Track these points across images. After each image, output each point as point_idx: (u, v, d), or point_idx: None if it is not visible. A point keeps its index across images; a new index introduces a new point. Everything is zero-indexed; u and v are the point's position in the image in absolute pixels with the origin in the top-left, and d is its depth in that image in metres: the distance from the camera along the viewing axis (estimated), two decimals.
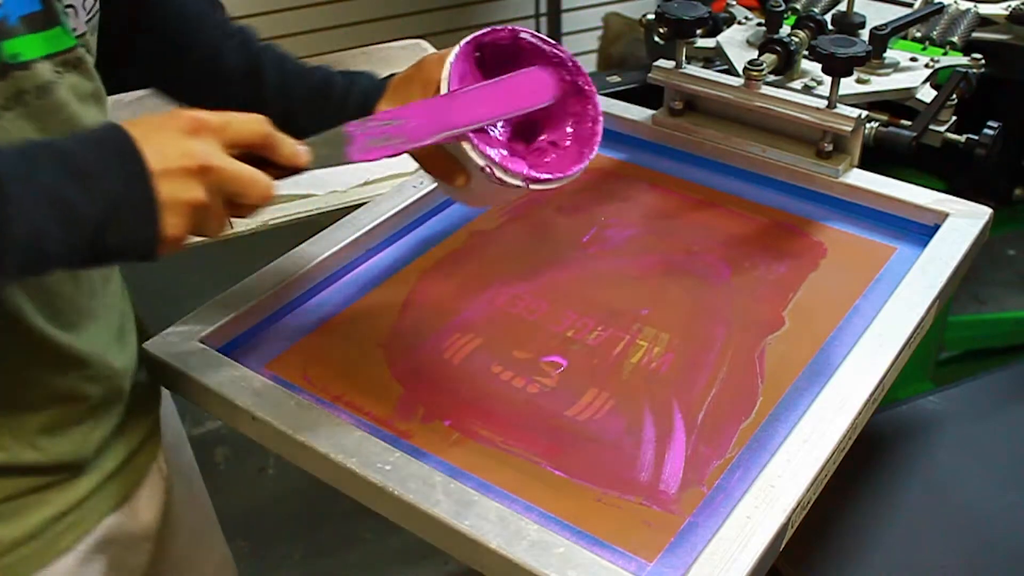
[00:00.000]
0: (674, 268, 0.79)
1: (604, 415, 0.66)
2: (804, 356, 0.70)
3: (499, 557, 0.54)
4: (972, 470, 0.90)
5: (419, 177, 0.87)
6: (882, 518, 0.85)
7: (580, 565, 0.53)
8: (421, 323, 0.74)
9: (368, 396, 0.68)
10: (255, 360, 0.71)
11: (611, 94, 1.00)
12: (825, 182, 0.85)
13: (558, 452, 0.63)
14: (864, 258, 0.80)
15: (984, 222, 0.79)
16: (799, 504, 0.57)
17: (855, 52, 0.80)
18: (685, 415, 0.66)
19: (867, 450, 0.90)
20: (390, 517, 0.60)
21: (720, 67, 1.00)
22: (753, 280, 0.78)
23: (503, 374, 0.69)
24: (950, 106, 0.90)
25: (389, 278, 0.79)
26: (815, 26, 0.94)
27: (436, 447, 0.64)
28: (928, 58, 0.97)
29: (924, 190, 0.83)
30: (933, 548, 0.83)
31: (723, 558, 0.53)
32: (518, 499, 0.60)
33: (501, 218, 0.86)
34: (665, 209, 0.87)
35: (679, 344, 0.72)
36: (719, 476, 0.61)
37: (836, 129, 0.84)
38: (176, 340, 0.69)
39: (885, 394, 0.67)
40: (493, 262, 0.81)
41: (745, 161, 0.89)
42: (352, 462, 0.60)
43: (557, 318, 0.74)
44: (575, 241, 0.83)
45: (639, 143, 0.94)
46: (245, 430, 0.66)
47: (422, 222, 0.85)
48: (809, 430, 0.61)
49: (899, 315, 0.70)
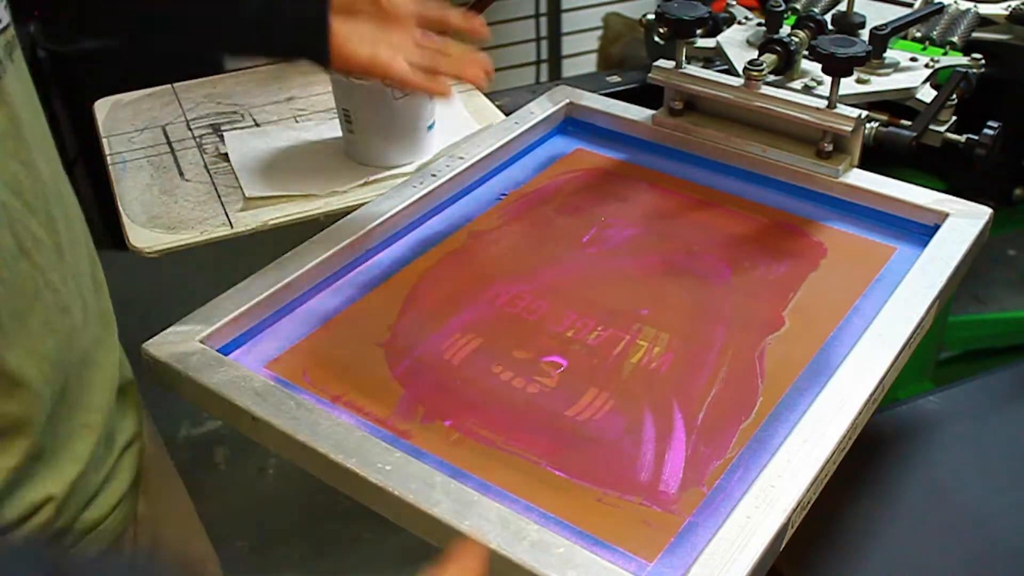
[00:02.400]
0: (674, 268, 0.79)
1: (604, 415, 0.66)
2: (804, 356, 0.70)
3: (499, 557, 0.54)
4: (972, 470, 0.90)
5: (419, 177, 0.87)
6: (882, 518, 0.85)
7: (580, 565, 0.53)
8: (421, 323, 0.74)
9: (368, 396, 0.68)
10: (255, 360, 0.71)
11: (611, 94, 1.00)
12: (825, 182, 0.85)
13: (558, 452, 0.63)
14: (864, 258, 0.80)
15: (984, 222, 0.79)
16: (799, 504, 0.57)
17: (855, 52, 0.80)
18: (685, 415, 0.66)
19: (867, 450, 0.90)
20: (390, 517, 0.60)
21: (720, 67, 1.00)
22: (753, 280, 0.78)
23: (503, 374, 0.69)
24: (950, 106, 0.90)
25: (389, 278, 0.79)
26: (815, 26, 0.94)
27: (436, 447, 0.64)
28: (928, 58, 0.97)
29: (924, 190, 0.83)
30: (933, 548, 0.83)
31: (723, 558, 0.53)
32: (518, 499, 0.60)
33: (501, 218, 0.86)
34: (665, 209, 0.87)
35: (679, 344, 0.72)
36: (719, 476, 0.61)
37: (836, 129, 0.84)
38: (176, 340, 0.69)
39: (885, 394, 0.67)
40: (493, 262, 0.81)
41: (745, 161, 0.89)
42: (352, 462, 0.60)
43: (557, 318, 0.74)
44: (575, 241, 0.83)
45: (639, 143, 0.94)
46: (245, 430, 0.65)
47: (422, 222, 0.85)
48: (809, 430, 0.61)
49: (899, 315, 0.70)
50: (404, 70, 0.74)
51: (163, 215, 0.86)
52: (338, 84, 0.91)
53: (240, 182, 0.91)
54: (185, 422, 1.71)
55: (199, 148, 0.98)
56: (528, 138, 0.94)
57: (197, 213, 0.87)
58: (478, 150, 0.90)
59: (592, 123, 0.97)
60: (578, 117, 0.98)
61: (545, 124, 0.96)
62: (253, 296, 0.73)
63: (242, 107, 1.05)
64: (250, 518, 1.56)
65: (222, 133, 1.00)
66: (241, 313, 0.72)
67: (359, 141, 0.93)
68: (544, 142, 0.96)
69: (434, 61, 0.76)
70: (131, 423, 0.69)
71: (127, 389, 0.69)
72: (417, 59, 0.76)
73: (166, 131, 1.01)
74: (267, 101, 1.06)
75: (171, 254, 0.82)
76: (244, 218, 0.86)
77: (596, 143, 0.96)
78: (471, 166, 0.89)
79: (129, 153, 0.96)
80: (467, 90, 1.08)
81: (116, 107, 1.05)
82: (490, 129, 0.95)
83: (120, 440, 0.67)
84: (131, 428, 0.69)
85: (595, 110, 0.97)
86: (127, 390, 0.69)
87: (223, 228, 0.85)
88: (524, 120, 0.94)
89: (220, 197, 0.90)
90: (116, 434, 0.66)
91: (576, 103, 0.98)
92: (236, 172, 0.93)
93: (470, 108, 1.03)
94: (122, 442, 0.67)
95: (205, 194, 0.90)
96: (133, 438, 0.69)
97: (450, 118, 1.00)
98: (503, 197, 0.89)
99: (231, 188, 0.91)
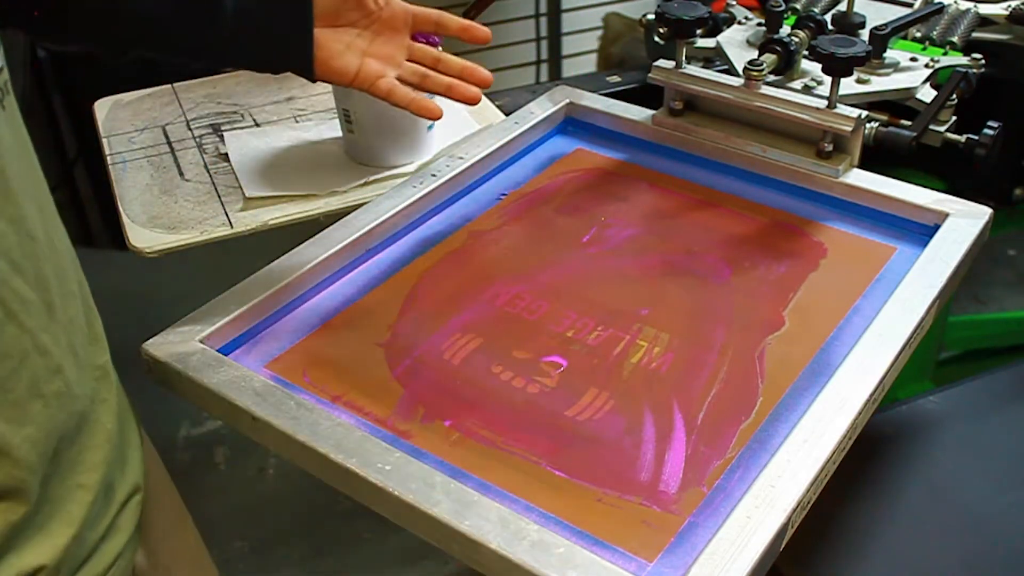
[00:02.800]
0: (674, 268, 0.79)
1: (604, 415, 0.66)
2: (804, 356, 0.70)
3: (499, 557, 0.54)
4: (972, 470, 0.90)
5: (419, 177, 0.87)
6: (882, 518, 0.85)
7: (580, 565, 0.53)
8: (421, 323, 0.74)
9: (368, 396, 0.68)
10: (255, 360, 0.71)
11: (611, 94, 1.00)
12: (825, 182, 0.85)
13: (558, 452, 0.63)
14: (864, 258, 0.80)
15: (984, 222, 0.79)
16: (799, 504, 0.57)
17: (855, 52, 0.80)
18: (685, 415, 0.66)
19: (867, 450, 0.90)
20: (390, 517, 0.60)
21: (720, 67, 1.00)
22: (753, 280, 0.78)
23: (503, 374, 0.69)
24: (950, 106, 0.90)
25: (389, 278, 0.79)
26: (815, 26, 0.94)
27: (436, 447, 0.64)
28: (928, 58, 0.97)
29: (924, 190, 0.83)
30: (933, 548, 0.83)
31: (723, 558, 0.53)
32: (518, 499, 0.60)
33: (501, 218, 0.86)
34: (665, 209, 0.87)
35: (679, 344, 0.72)
36: (719, 476, 0.61)
37: (836, 129, 0.84)
38: (176, 340, 0.69)
39: (885, 394, 0.67)
40: (493, 262, 0.81)
41: (745, 161, 0.89)
42: (352, 462, 0.60)
43: (557, 318, 0.74)
44: (575, 241, 0.83)
45: (639, 143, 0.94)
46: (245, 430, 0.65)
47: (422, 222, 0.85)
48: (809, 430, 0.61)
49: (899, 315, 0.70)
50: (390, 87, 0.73)
51: (163, 215, 0.86)
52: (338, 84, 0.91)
53: (240, 182, 0.91)
54: (185, 422, 1.71)
55: (199, 148, 0.98)
56: (528, 138, 0.94)
57: (197, 213, 0.87)
58: (478, 150, 0.90)
59: (592, 123, 0.97)
60: (578, 117, 0.98)
61: (545, 124, 0.96)
62: (253, 296, 0.73)
63: (242, 107, 1.05)
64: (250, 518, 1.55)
65: (222, 133, 1.00)
66: (241, 313, 0.72)
67: (359, 141, 0.93)
68: (544, 142, 0.96)
69: (423, 81, 0.75)
70: (133, 472, 0.64)
71: (128, 436, 0.65)
72: (407, 74, 0.75)
73: (166, 131, 1.01)
74: (267, 101, 1.06)
75: (171, 254, 0.82)
76: (244, 218, 0.86)
77: (596, 143, 0.96)
78: (471, 166, 0.89)
79: (129, 153, 0.96)
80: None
81: (116, 107, 1.05)
82: (490, 129, 0.95)
83: (120, 493, 0.62)
84: (133, 479, 0.64)
85: (595, 110, 0.97)
86: (128, 437, 0.65)
87: (223, 228, 0.85)
88: (524, 120, 0.94)
89: (220, 197, 0.90)
90: (116, 487, 0.62)
91: (576, 103, 0.98)
92: (236, 172, 0.93)
93: (470, 108, 1.03)
94: (122, 495, 0.63)
95: (205, 194, 0.90)
96: (134, 490, 0.64)
97: (450, 118, 1.00)
98: (503, 197, 0.89)
99: (231, 188, 0.91)
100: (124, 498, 0.63)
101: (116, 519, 0.62)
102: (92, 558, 0.60)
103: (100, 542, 0.60)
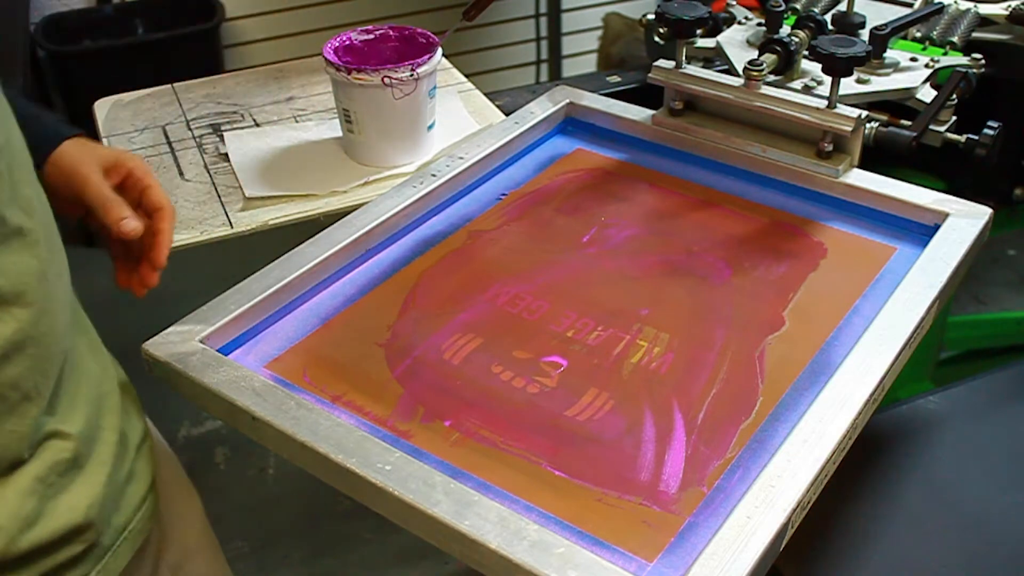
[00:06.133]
0: (674, 268, 0.79)
1: (604, 415, 0.66)
2: (804, 356, 0.70)
3: (499, 557, 0.54)
4: (972, 470, 0.90)
5: (419, 177, 0.87)
6: (882, 518, 0.85)
7: (580, 565, 0.53)
8: (421, 323, 0.74)
9: (368, 396, 0.68)
10: (255, 360, 0.71)
11: (611, 94, 1.00)
12: (825, 182, 0.85)
13: (558, 452, 0.63)
14: (864, 258, 0.80)
15: (984, 222, 0.79)
16: (799, 504, 0.57)
17: (855, 52, 0.80)
18: (685, 415, 0.66)
19: (867, 450, 0.90)
20: (390, 517, 0.60)
21: (720, 67, 1.00)
22: (753, 280, 0.78)
23: (503, 374, 0.69)
24: (950, 106, 0.90)
25: (389, 278, 0.79)
26: (815, 26, 0.94)
27: (436, 447, 0.64)
28: (928, 58, 0.97)
29: (924, 190, 0.83)
30: (933, 548, 0.83)
31: (723, 558, 0.53)
32: (518, 499, 0.60)
33: (501, 218, 0.86)
34: (665, 209, 0.87)
35: (679, 344, 0.72)
36: (719, 476, 0.61)
37: (836, 129, 0.84)
38: (176, 340, 0.69)
39: (885, 394, 0.67)
40: (493, 262, 0.81)
41: (745, 161, 0.89)
42: (352, 462, 0.60)
43: (557, 318, 0.74)
44: (575, 241, 0.83)
45: (639, 143, 0.94)
46: (245, 430, 0.65)
47: (422, 222, 0.85)
48: (809, 430, 0.61)
49: (899, 315, 0.70)
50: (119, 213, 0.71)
51: None
52: (338, 84, 0.91)
53: (240, 182, 0.91)
54: (185, 422, 1.71)
55: (199, 148, 0.98)
56: (528, 138, 0.94)
57: (197, 213, 0.87)
58: (478, 150, 0.90)
59: (592, 123, 0.97)
60: (578, 117, 0.98)
61: (545, 124, 0.96)
62: (253, 296, 0.73)
63: (242, 107, 1.05)
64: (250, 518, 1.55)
65: (222, 133, 1.00)
66: (241, 313, 0.72)
67: (359, 141, 0.93)
68: (544, 142, 0.96)
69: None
70: (138, 423, 0.69)
71: (126, 388, 0.69)
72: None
73: (166, 131, 1.01)
74: (267, 101, 1.06)
75: (171, 254, 0.82)
76: (244, 218, 0.87)
77: (596, 143, 0.96)
78: (471, 166, 0.89)
79: None
80: (467, 90, 1.08)
81: (116, 107, 1.05)
82: (490, 129, 0.95)
83: (133, 439, 0.67)
84: (140, 426, 0.69)
85: (595, 110, 0.97)
86: (126, 389, 0.69)
87: (223, 228, 0.85)
88: (524, 120, 0.94)
89: (220, 197, 0.90)
90: (128, 434, 0.66)
91: (576, 103, 0.98)
92: (236, 172, 0.93)
93: (470, 108, 1.04)
94: (135, 440, 0.67)
95: (205, 194, 0.90)
96: (143, 437, 0.69)
97: (450, 118, 1.00)
98: (503, 197, 0.89)
99: (231, 188, 0.91)
100: (137, 443, 0.67)
101: (134, 464, 0.66)
102: (121, 502, 0.64)
103: (125, 485, 0.65)
